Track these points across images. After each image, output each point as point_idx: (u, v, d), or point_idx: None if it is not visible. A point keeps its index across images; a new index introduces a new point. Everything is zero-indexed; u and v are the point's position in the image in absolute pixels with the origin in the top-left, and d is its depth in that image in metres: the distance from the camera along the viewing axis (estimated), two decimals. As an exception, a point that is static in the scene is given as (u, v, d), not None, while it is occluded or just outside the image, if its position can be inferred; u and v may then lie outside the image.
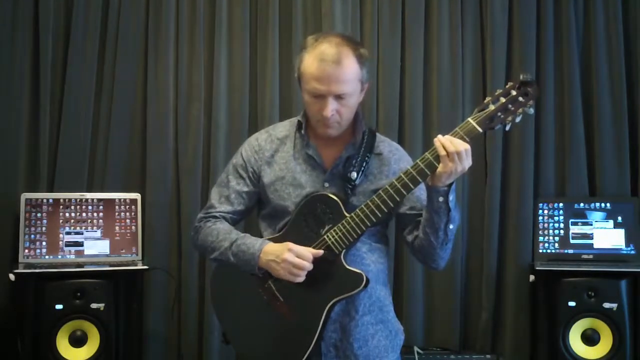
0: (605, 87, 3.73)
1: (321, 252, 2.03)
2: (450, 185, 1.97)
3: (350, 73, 2.04)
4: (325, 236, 2.04)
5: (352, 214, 2.02)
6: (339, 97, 2.05)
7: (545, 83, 3.73)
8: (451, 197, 1.99)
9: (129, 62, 3.74)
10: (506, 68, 3.76)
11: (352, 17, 3.75)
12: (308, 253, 2.02)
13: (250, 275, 2.12)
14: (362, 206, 2.01)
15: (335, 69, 2.02)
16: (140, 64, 3.76)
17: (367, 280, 2.01)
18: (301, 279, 2.02)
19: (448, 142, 1.92)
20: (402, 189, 1.98)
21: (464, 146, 1.92)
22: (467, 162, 1.93)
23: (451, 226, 2.03)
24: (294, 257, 2.01)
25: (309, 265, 2.01)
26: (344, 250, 2.03)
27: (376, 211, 1.99)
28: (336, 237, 2.03)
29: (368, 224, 2.01)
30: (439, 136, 1.95)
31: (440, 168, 1.93)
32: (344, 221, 2.02)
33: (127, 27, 3.73)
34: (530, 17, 3.76)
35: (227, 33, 3.77)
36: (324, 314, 2.03)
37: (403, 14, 3.79)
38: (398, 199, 1.99)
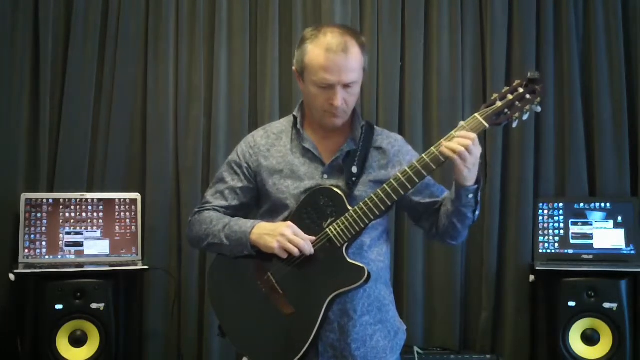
0: (605, 87, 3.73)
1: (313, 238, 2.04)
2: (478, 182, 2.01)
3: (356, 61, 2.08)
4: (327, 229, 2.04)
5: (356, 207, 2.02)
6: (346, 86, 2.07)
7: (545, 83, 3.72)
8: (479, 193, 2.04)
9: (129, 63, 3.74)
10: (506, 68, 3.76)
11: (352, 17, 3.75)
12: (306, 235, 2.03)
13: (249, 268, 2.11)
14: (366, 199, 2.02)
15: (343, 59, 2.04)
16: (140, 64, 3.76)
17: (369, 275, 2.01)
18: (283, 254, 2.01)
19: (454, 145, 1.94)
20: (406, 183, 1.99)
21: (468, 139, 1.93)
22: (477, 150, 1.95)
23: (477, 212, 2.08)
24: (291, 233, 2.02)
25: (304, 244, 2.01)
26: (346, 244, 2.03)
27: (380, 204, 2.01)
28: (339, 229, 2.03)
29: (371, 217, 2.01)
30: (443, 142, 1.96)
31: (458, 168, 1.95)
32: (347, 214, 2.03)
33: (127, 28, 3.73)
34: (530, 17, 3.75)
35: (227, 33, 3.77)
36: (324, 308, 2.02)
37: (403, 14, 3.79)
38: (402, 192, 2.00)
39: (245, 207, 2.23)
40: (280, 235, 2.02)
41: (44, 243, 3.51)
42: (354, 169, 2.12)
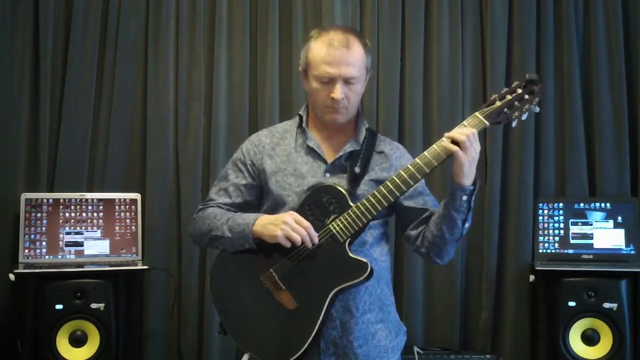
0: (605, 87, 3.73)
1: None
2: (475, 184, 2.02)
3: (358, 57, 2.12)
4: (330, 225, 2.05)
5: (358, 204, 2.04)
6: (347, 82, 2.11)
7: (545, 83, 3.72)
8: (473, 197, 2.04)
9: (129, 62, 3.74)
10: (506, 68, 3.76)
11: (352, 17, 3.75)
12: (309, 224, 2.03)
13: (252, 264, 2.12)
14: (369, 196, 2.04)
15: (345, 53, 2.09)
16: (140, 64, 3.76)
17: (372, 269, 2.02)
18: (287, 242, 2.01)
19: (456, 134, 1.98)
20: (409, 179, 2.02)
21: (469, 131, 1.98)
22: (477, 145, 1.99)
23: (467, 224, 2.08)
24: (293, 221, 2.03)
25: (305, 233, 2.01)
26: (348, 239, 2.04)
27: (382, 200, 2.02)
28: (341, 225, 2.04)
29: (374, 212, 2.03)
30: (446, 133, 2.00)
31: (459, 160, 1.97)
32: (349, 210, 2.04)
33: (127, 28, 3.73)
34: (530, 17, 3.75)
35: (227, 33, 3.77)
36: (327, 302, 2.02)
37: (403, 14, 3.79)
38: (405, 188, 2.02)
39: (248, 204, 2.24)
40: (283, 223, 2.03)
41: (44, 243, 3.51)
42: (357, 169, 2.14)
